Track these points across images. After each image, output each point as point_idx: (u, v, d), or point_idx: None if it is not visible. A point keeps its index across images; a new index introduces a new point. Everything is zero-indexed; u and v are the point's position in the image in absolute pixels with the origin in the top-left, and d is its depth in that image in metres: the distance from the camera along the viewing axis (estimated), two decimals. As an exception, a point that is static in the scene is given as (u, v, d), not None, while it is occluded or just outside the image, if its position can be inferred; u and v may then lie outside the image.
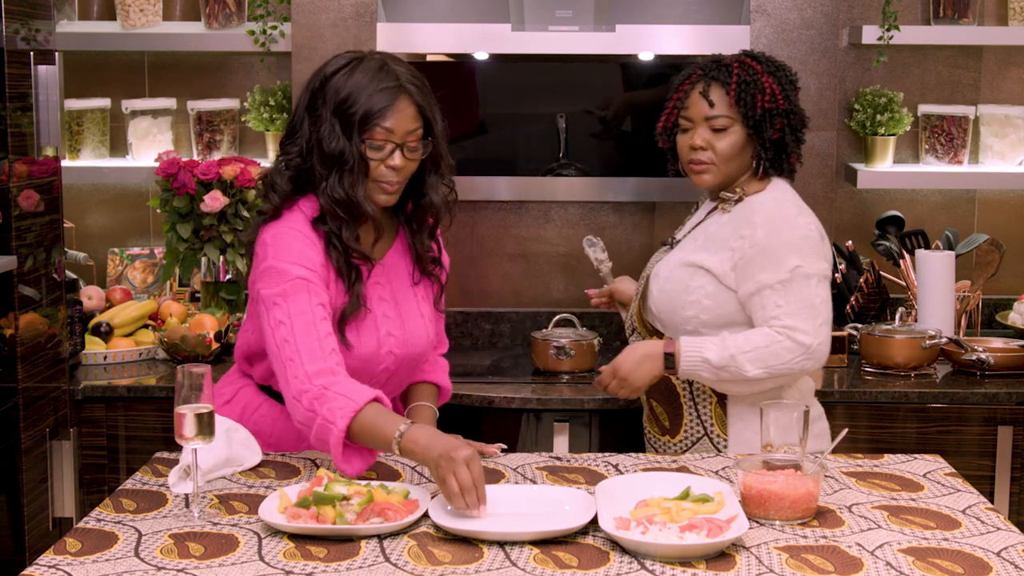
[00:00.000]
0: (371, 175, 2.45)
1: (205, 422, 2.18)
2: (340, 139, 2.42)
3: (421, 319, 2.59)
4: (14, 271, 3.00)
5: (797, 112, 2.75)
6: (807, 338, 2.59)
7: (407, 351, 2.55)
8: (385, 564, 1.97)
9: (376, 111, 2.42)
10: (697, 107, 2.72)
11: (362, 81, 2.44)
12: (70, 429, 3.28)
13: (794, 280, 2.61)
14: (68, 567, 1.97)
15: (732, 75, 2.69)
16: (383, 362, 2.52)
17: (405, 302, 2.58)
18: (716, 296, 2.69)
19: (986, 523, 2.17)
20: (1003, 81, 4.02)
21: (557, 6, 3.51)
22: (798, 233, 2.64)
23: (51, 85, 3.18)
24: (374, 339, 2.50)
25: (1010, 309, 3.92)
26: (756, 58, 2.74)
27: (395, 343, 2.53)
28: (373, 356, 2.50)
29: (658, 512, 2.07)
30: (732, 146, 2.70)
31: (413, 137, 2.46)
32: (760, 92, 2.68)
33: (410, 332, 2.56)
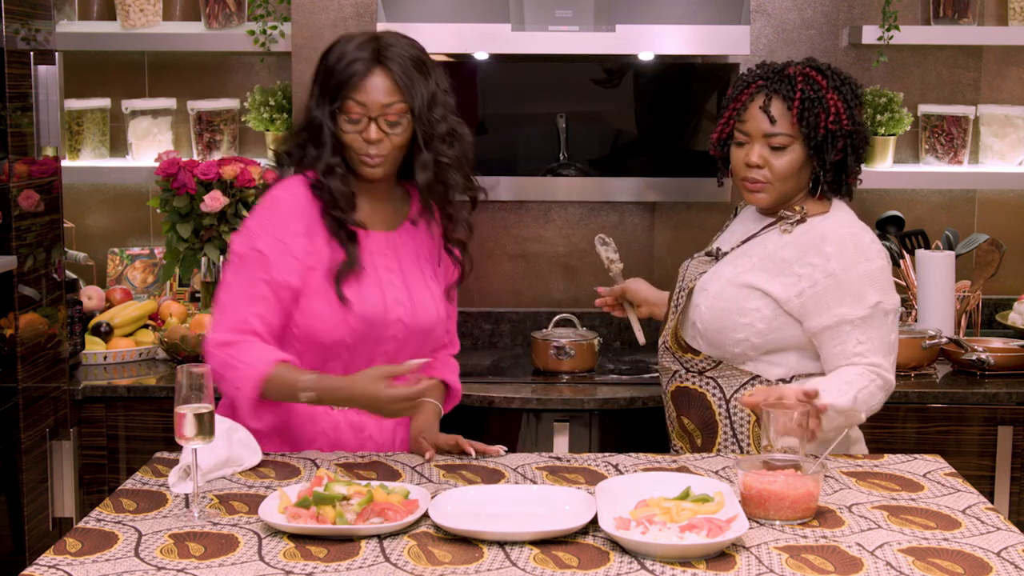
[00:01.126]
0: (351, 148, 2.48)
1: (205, 422, 2.18)
2: (320, 110, 2.48)
3: (429, 294, 2.58)
4: (14, 271, 3.00)
5: (860, 131, 2.60)
6: (890, 375, 2.53)
7: (415, 320, 2.54)
8: (385, 564, 1.97)
9: (347, 83, 2.45)
10: (756, 122, 2.57)
11: (345, 51, 2.48)
12: (70, 429, 3.28)
13: (875, 316, 2.52)
14: (68, 567, 1.97)
15: (796, 90, 2.54)
16: (391, 328, 2.51)
17: (412, 276, 2.57)
18: (772, 321, 2.58)
19: (986, 523, 2.17)
20: (1003, 81, 4.02)
21: (557, 6, 3.51)
22: (874, 265, 2.54)
23: (51, 85, 3.19)
24: (379, 301, 2.50)
25: (1010, 309, 3.92)
26: (822, 71, 2.58)
27: (403, 311, 2.52)
28: (380, 319, 2.50)
29: (658, 512, 2.07)
30: (790, 165, 2.57)
31: (392, 112, 2.46)
32: (824, 111, 2.54)
33: (418, 303, 2.55)
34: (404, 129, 2.49)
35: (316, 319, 2.48)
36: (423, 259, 2.61)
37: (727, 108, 2.64)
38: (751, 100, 2.59)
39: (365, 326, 2.49)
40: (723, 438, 2.66)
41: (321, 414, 2.57)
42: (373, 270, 2.51)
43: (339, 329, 2.48)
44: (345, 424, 2.59)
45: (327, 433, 2.58)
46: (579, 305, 3.79)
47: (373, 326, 2.50)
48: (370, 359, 2.52)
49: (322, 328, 2.48)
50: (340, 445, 2.58)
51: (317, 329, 2.48)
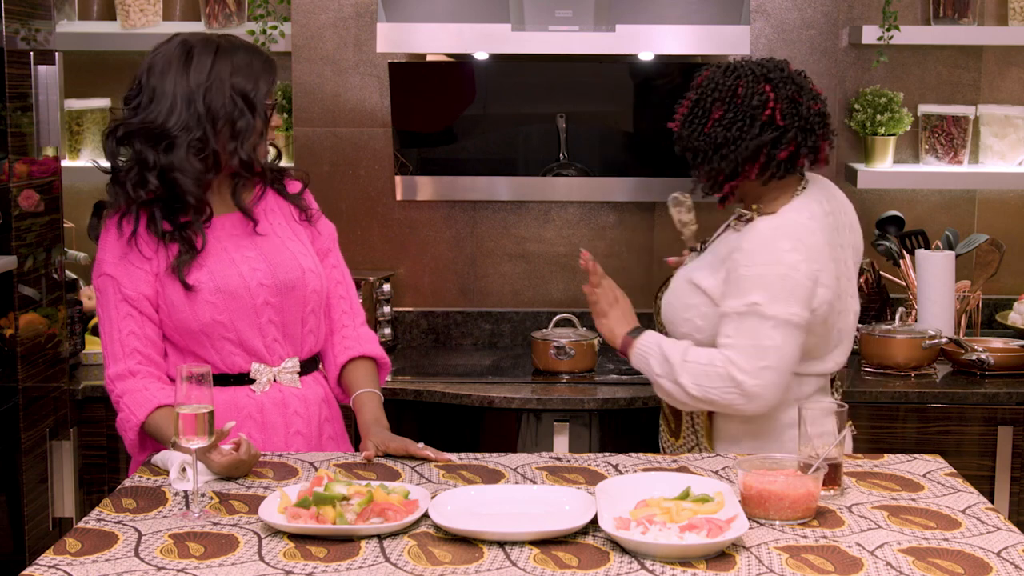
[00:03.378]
0: None
1: (205, 422, 2.19)
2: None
3: (288, 254, 2.61)
4: (14, 271, 3.00)
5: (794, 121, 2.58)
6: (742, 376, 2.51)
7: (276, 280, 2.57)
8: (385, 564, 1.97)
9: None
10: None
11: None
12: (70, 429, 3.29)
13: (749, 316, 2.52)
14: (68, 567, 1.97)
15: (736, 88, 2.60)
16: (258, 295, 2.55)
17: (268, 242, 2.60)
18: (709, 317, 2.62)
19: (986, 523, 2.17)
20: (1003, 81, 4.02)
21: (557, 6, 3.51)
22: (776, 270, 2.52)
23: (51, 85, 3.19)
24: (234, 273, 2.54)
25: (1010, 309, 3.92)
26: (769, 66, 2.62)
27: (263, 275, 2.56)
28: (243, 290, 2.54)
29: (658, 512, 2.07)
30: None
31: None
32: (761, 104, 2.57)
33: (277, 264, 2.58)
34: None
35: (175, 311, 2.53)
36: (277, 227, 2.64)
37: None
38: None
39: (229, 300, 2.53)
40: (687, 424, 2.74)
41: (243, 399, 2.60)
42: (222, 250, 2.56)
43: (203, 311, 2.52)
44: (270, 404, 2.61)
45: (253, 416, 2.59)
46: (579, 305, 3.79)
47: (238, 298, 2.54)
48: (260, 331, 2.57)
49: (184, 316, 2.53)
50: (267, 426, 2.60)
51: (182, 319, 2.53)
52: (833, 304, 2.58)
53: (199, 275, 2.52)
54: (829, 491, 2.28)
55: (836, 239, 2.63)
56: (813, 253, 2.54)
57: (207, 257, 2.54)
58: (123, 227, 2.54)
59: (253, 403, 2.59)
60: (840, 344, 2.67)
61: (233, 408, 2.57)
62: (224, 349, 2.56)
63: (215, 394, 2.47)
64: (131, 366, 2.51)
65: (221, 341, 2.55)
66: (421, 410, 3.44)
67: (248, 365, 2.58)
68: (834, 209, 2.67)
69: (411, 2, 3.56)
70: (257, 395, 2.60)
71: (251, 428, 2.59)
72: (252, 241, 2.60)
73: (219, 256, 2.55)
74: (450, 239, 3.95)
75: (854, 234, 2.72)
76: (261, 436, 2.59)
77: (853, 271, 2.70)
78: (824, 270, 2.55)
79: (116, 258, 2.54)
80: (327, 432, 2.69)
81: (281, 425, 2.61)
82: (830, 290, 2.56)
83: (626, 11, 3.52)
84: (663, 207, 3.90)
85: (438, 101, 3.84)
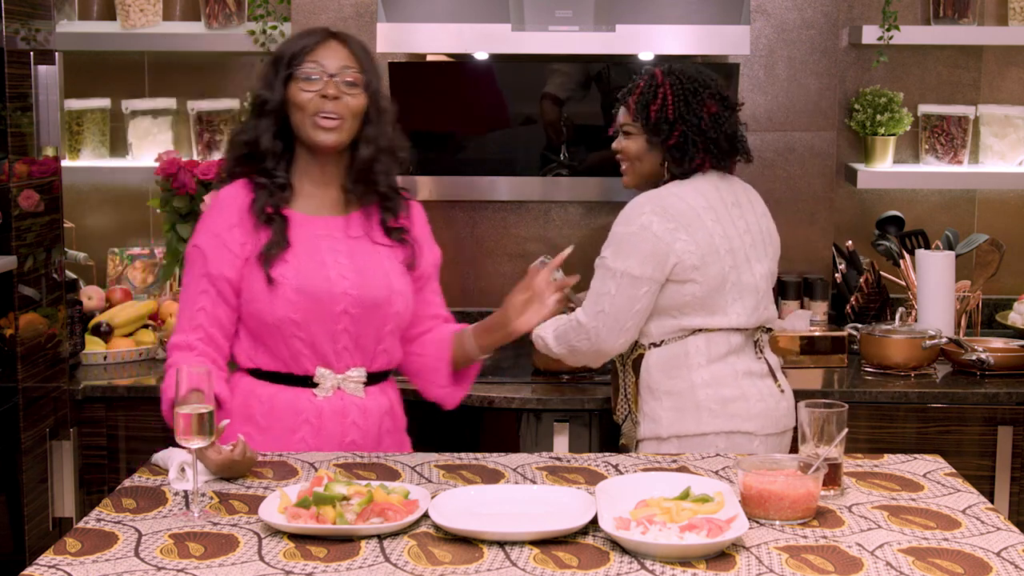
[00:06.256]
0: (308, 110, 2.53)
1: (205, 422, 2.19)
2: (270, 86, 2.56)
3: (381, 270, 2.60)
4: (14, 271, 3.00)
5: (694, 122, 2.87)
6: (583, 317, 2.87)
7: (364, 293, 2.56)
8: (385, 564, 1.97)
9: (304, 48, 2.55)
10: (618, 116, 3.01)
11: (293, 35, 2.63)
12: (70, 429, 3.28)
13: (598, 268, 2.89)
14: (68, 567, 1.97)
15: (637, 86, 2.94)
16: (339, 302, 2.54)
17: (363, 255, 2.60)
18: None
19: (986, 523, 2.17)
20: (1003, 81, 4.02)
21: (557, 6, 3.51)
22: (628, 229, 2.85)
23: (51, 85, 3.19)
24: (321, 276, 2.53)
25: (1010, 309, 3.92)
26: (669, 71, 2.92)
27: (349, 284, 2.55)
28: (326, 294, 2.53)
29: (658, 512, 2.07)
30: (637, 149, 2.95)
31: (348, 75, 2.54)
32: (652, 101, 2.89)
33: (368, 278, 2.57)
34: (360, 96, 2.56)
35: (254, 300, 2.54)
36: (377, 242, 2.63)
37: None
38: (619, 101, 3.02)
39: (309, 301, 2.53)
40: (621, 397, 3.02)
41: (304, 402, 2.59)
42: (316, 250, 2.56)
43: (279, 307, 2.52)
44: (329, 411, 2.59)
45: (310, 421, 2.59)
46: (579, 305, 3.79)
47: (318, 301, 2.53)
48: (332, 337, 2.56)
49: (261, 308, 2.53)
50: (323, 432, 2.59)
51: (258, 310, 2.54)
52: (706, 257, 2.82)
53: (284, 270, 2.52)
54: (829, 491, 2.28)
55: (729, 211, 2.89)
56: (670, 214, 2.83)
57: (297, 254, 2.54)
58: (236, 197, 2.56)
59: (312, 407, 2.58)
60: (740, 299, 2.87)
61: (292, 410, 2.57)
62: (293, 347, 2.55)
63: (276, 392, 2.53)
64: (191, 340, 2.53)
65: (292, 339, 2.54)
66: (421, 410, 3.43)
67: (314, 368, 2.56)
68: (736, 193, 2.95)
69: (411, 2, 3.55)
70: (318, 399, 2.58)
71: (306, 432, 2.58)
72: (348, 248, 2.58)
73: (310, 256, 2.54)
74: (450, 239, 3.95)
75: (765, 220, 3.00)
76: (315, 441, 2.58)
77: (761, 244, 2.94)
78: (684, 228, 2.83)
79: (212, 234, 2.56)
80: (386, 443, 2.66)
81: (337, 433, 2.59)
82: (694, 243, 2.82)
83: (626, 11, 3.52)
84: (663, 207, 3.92)
85: (438, 101, 3.83)
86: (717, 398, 2.85)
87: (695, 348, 2.87)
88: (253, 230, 2.55)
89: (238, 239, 2.54)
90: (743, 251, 2.90)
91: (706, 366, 2.87)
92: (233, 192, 2.59)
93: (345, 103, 2.53)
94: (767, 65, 3.81)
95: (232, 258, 2.54)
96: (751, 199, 2.99)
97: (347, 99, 2.53)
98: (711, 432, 2.83)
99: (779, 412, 2.92)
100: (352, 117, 2.55)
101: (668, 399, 2.87)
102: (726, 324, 2.87)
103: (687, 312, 2.86)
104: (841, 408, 2.30)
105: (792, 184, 3.83)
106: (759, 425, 2.87)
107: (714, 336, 2.87)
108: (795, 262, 3.79)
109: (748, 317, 2.90)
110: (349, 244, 2.59)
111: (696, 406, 2.85)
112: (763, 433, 2.87)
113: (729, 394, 2.86)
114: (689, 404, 2.85)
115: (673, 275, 2.84)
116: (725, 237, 2.87)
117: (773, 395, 2.92)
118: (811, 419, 2.28)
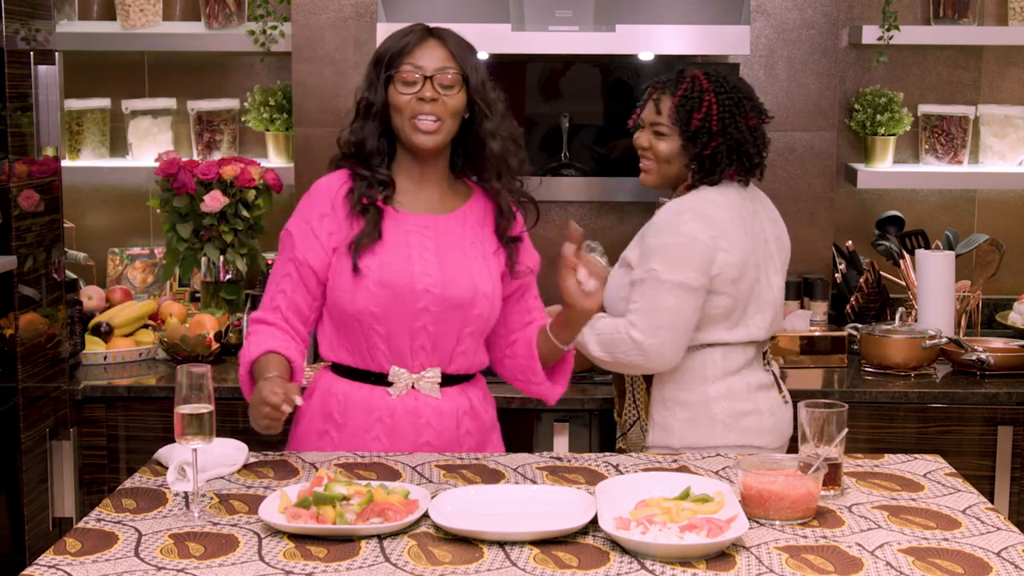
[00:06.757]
0: (406, 112, 2.54)
1: (205, 422, 2.19)
2: (373, 88, 2.57)
3: (467, 272, 2.57)
4: (14, 271, 3.00)
5: (734, 136, 2.82)
6: (639, 335, 2.76)
7: (446, 292, 2.54)
8: (385, 564, 1.97)
9: (403, 48, 2.55)
10: (648, 112, 2.91)
11: (394, 34, 2.60)
12: (70, 429, 3.28)
13: (647, 281, 2.77)
14: (68, 567, 1.97)
15: (680, 87, 2.85)
16: (420, 299, 2.53)
17: (452, 255, 2.58)
18: None
19: (986, 523, 2.17)
20: (1003, 81, 4.02)
21: (557, 6, 3.51)
22: (675, 239, 2.77)
23: (51, 85, 3.19)
24: (406, 273, 2.53)
25: (1010, 309, 3.92)
26: (709, 76, 2.85)
27: (432, 283, 2.53)
28: (407, 289, 2.52)
29: (658, 512, 2.07)
30: (669, 151, 2.87)
31: (446, 76, 2.53)
32: (697, 109, 2.82)
33: (451, 277, 2.55)
34: (458, 95, 2.55)
35: (338, 289, 2.55)
36: (469, 244, 2.61)
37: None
38: (651, 95, 2.92)
39: (390, 295, 2.52)
40: (628, 403, 2.96)
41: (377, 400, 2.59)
42: (404, 245, 2.55)
43: (360, 298, 2.52)
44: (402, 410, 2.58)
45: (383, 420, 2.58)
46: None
47: (399, 296, 2.52)
48: (411, 334, 2.55)
49: (344, 297, 2.54)
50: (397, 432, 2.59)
51: (340, 299, 2.55)
52: (743, 269, 2.79)
53: (370, 261, 2.53)
54: (829, 491, 2.28)
55: (752, 221, 2.86)
56: (713, 223, 2.79)
57: (386, 247, 2.55)
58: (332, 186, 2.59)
59: (386, 406, 2.58)
60: (760, 312, 2.86)
61: (365, 408, 2.57)
62: (371, 341, 2.55)
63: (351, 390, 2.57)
64: (269, 317, 2.58)
65: (371, 333, 2.54)
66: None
67: (388, 367, 2.56)
68: (754, 200, 2.91)
69: (411, 2, 3.55)
70: (392, 398, 2.58)
71: (380, 431, 2.58)
72: (438, 246, 2.58)
73: (398, 250, 2.55)
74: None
75: (777, 227, 2.97)
76: (389, 440, 2.58)
77: (776, 255, 2.93)
78: (724, 237, 2.78)
79: (304, 220, 2.59)
80: (467, 445, 2.64)
81: (411, 433, 2.58)
82: (734, 255, 2.78)
83: (626, 11, 3.52)
84: (663, 207, 3.92)
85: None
86: (731, 412, 2.83)
87: (711, 361, 2.84)
88: (346, 220, 2.56)
89: (327, 228, 2.56)
90: (764, 263, 2.88)
91: (721, 379, 2.84)
92: (329, 182, 2.61)
93: (443, 104, 2.53)
94: (767, 65, 3.81)
95: (318, 247, 2.56)
96: (765, 206, 2.96)
97: (445, 100, 2.53)
98: (723, 445, 2.79)
99: (785, 424, 2.92)
100: (451, 117, 2.55)
101: (681, 410, 2.84)
102: (746, 338, 2.85)
103: (709, 325, 2.82)
104: (841, 408, 2.30)
105: (792, 184, 3.82)
106: (769, 440, 2.86)
107: (731, 349, 2.85)
108: (795, 262, 3.76)
109: (766, 330, 2.88)
110: (440, 243, 2.58)
111: (710, 419, 2.82)
112: (772, 447, 2.87)
113: (743, 408, 2.83)
114: (703, 416, 2.82)
115: (712, 286, 2.79)
116: (753, 250, 2.84)
117: (780, 407, 2.91)
118: (811, 419, 2.28)
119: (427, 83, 2.52)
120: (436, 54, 2.55)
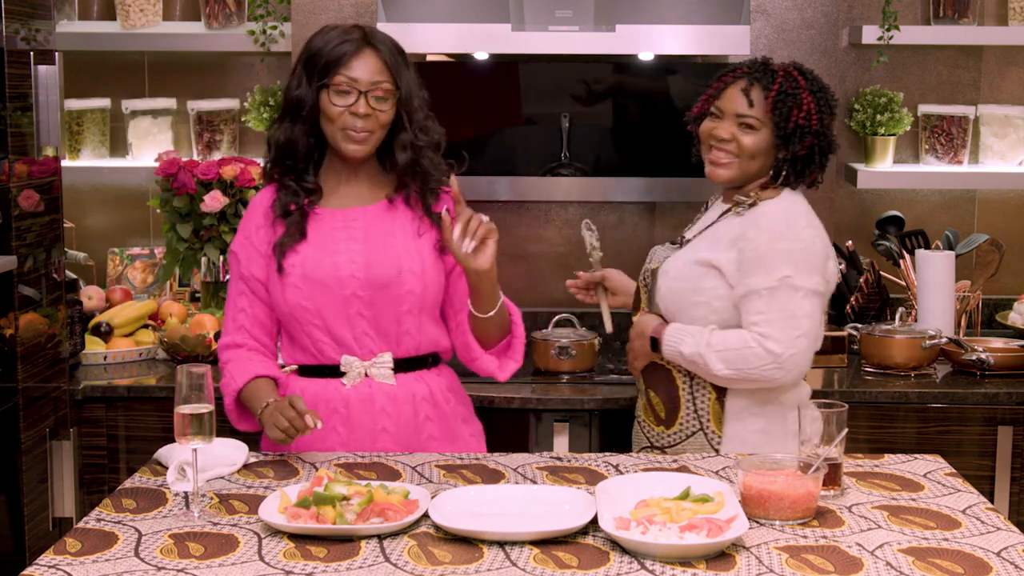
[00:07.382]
0: (337, 123, 2.56)
1: (205, 422, 2.19)
2: (303, 87, 2.58)
3: (391, 252, 2.59)
4: (14, 271, 3.00)
5: (828, 136, 2.73)
6: (778, 347, 2.60)
7: (369, 274, 2.57)
8: (385, 564, 1.97)
9: (339, 58, 2.55)
10: (732, 102, 2.72)
11: (331, 36, 2.60)
12: (70, 429, 3.28)
13: (780, 289, 2.61)
14: (68, 567, 1.97)
15: (775, 81, 2.69)
16: (347, 286, 2.57)
17: (381, 239, 2.61)
18: (727, 299, 2.67)
19: (986, 523, 2.17)
20: (1003, 81, 4.02)
21: (557, 6, 3.51)
22: (798, 245, 2.64)
23: (51, 85, 3.19)
24: (329, 264, 2.57)
25: (1010, 309, 3.92)
26: (803, 72, 2.73)
27: (356, 268, 2.58)
28: (332, 279, 2.57)
29: (658, 512, 2.07)
30: (757, 145, 2.70)
31: (379, 89, 2.55)
32: (797, 106, 2.68)
33: (374, 260, 2.58)
34: (390, 108, 2.58)
35: (274, 290, 2.62)
36: (398, 228, 2.63)
37: (709, 88, 2.80)
38: (733, 83, 2.74)
39: (316, 287, 2.57)
40: (685, 413, 2.75)
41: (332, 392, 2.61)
42: (330, 240, 2.60)
43: (290, 295, 2.58)
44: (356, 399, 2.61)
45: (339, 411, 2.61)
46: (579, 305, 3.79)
47: (326, 286, 2.57)
48: (348, 322, 2.59)
49: (277, 298, 2.61)
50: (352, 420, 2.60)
51: (276, 301, 2.62)
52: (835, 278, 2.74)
53: (294, 259, 2.58)
54: (829, 491, 2.28)
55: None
56: (821, 231, 2.71)
57: (310, 244, 2.59)
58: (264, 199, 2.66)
59: (340, 397, 2.60)
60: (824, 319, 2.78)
61: (321, 400, 2.59)
62: (314, 335, 2.60)
63: (306, 385, 2.60)
64: (237, 339, 2.65)
65: (310, 327, 2.59)
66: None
67: (339, 357, 2.60)
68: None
69: (411, 2, 3.55)
70: (346, 388, 2.60)
71: (337, 422, 2.60)
72: (365, 234, 2.61)
73: (322, 245, 2.59)
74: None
75: None
76: (346, 430, 2.60)
77: None
78: (829, 244, 2.73)
79: (244, 237, 2.67)
80: (427, 432, 2.64)
81: (367, 421, 2.60)
82: (833, 263, 2.73)
83: (626, 11, 3.52)
84: (663, 207, 3.92)
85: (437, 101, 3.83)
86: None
87: None
88: (272, 228, 2.62)
89: (264, 239, 2.63)
90: None
91: (792, 390, 2.73)
92: (262, 196, 2.68)
93: (376, 118, 2.56)
94: (767, 65, 3.80)
95: (259, 258, 2.63)
96: None
97: (378, 114, 2.56)
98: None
99: None
100: (381, 128, 2.59)
101: (755, 422, 2.71)
102: (817, 346, 2.73)
103: None
104: (841, 408, 2.29)
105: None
106: None
107: None
108: (795, 262, 3.79)
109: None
110: (368, 231, 2.61)
111: (785, 432, 2.68)
112: None
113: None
114: (778, 428, 2.71)
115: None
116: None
117: None
118: (811, 419, 2.28)
119: (361, 98, 2.54)
120: (371, 66, 2.55)
